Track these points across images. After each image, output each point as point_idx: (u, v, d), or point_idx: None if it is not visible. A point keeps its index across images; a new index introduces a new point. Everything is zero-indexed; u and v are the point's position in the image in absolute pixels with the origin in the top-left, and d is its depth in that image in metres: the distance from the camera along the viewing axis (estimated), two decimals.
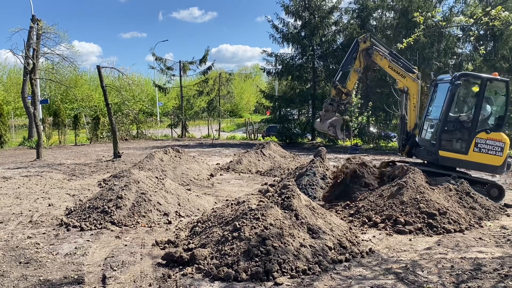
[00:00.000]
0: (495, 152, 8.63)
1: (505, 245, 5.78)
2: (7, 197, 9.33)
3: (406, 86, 9.56)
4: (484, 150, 8.62)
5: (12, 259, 5.50)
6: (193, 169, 12.17)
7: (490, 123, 8.94)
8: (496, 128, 8.77)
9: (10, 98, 38.40)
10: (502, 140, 8.66)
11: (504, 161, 8.72)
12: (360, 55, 9.41)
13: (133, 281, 4.78)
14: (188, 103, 31.80)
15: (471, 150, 8.63)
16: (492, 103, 9.07)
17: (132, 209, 7.38)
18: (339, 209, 7.87)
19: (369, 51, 9.37)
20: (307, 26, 23.62)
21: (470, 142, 8.65)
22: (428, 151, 9.24)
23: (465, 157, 8.69)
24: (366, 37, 9.48)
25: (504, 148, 8.65)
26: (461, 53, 21.59)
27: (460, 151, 8.78)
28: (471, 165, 8.82)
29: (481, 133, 8.63)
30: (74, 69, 21.63)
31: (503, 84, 8.93)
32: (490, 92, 9.15)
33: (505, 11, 6.62)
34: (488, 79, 8.86)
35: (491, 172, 9.15)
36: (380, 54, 9.44)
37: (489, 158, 8.64)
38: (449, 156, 8.80)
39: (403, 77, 9.50)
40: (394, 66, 9.53)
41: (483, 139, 8.62)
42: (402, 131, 9.97)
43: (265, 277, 4.67)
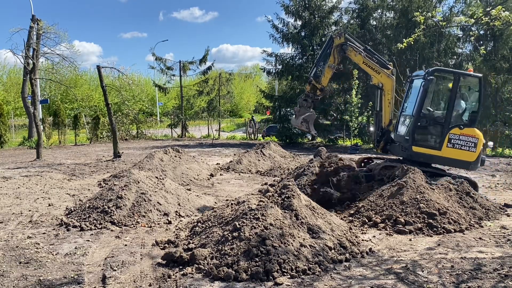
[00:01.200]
0: (469, 147, 8.66)
1: (505, 245, 5.78)
2: (7, 197, 9.33)
3: (380, 82, 9.50)
4: (457, 146, 8.65)
5: (12, 259, 5.50)
6: (193, 169, 12.17)
7: (464, 118, 8.95)
8: (470, 124, 8.78)
9: (10, 98, 38.39)
10: (475, 135, 8.69)
11: (478, 156, 8.75)
12: (335, 51, 9.31)
13: (133, 281, 4.78)
14: (188, 103, 31.79)
15: (445, 145, 8.65)
16: (467, 99, 9.09)
17: (132, 209, 7.38)
18: (339, 209, 7.88)
19: (343, 47, 9.28)
20: (307, 26, 23.62)
21: (443, 138, 8.66)
22: (402, 147, 9.22)
23: (439, 153, 8.71)
24: (341, 33, 9.44)
25: (478, 143, 8.68)
26: (461, 53, 21.60)
27: (433, 146, 8.80)
28: (445, 160, 8.83)
29: (454, 129, 8.65)
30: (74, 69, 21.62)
31: (476, 80, 8.95)
32: (465, 88, 9.18)
33: (505, 11, 6.62)
34: (461, 74, 8.89)
35: (465, 168, 9.18)
36: (355, 50, 9.34)
37: (462, 153, 8.66)
38: (422, 152, 8.80)
39: (377, 73, 9.43)
40: (369, 62, 9.44)
41: (457, 135, 8.64)
42: (377, 127, 9.97)
43: (265, 277, 4.67)
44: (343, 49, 9.27)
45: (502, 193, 9.42)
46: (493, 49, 20.04)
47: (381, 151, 9.98)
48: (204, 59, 30.17)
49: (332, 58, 9.32)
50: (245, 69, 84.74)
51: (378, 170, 8.90)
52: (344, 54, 9.38)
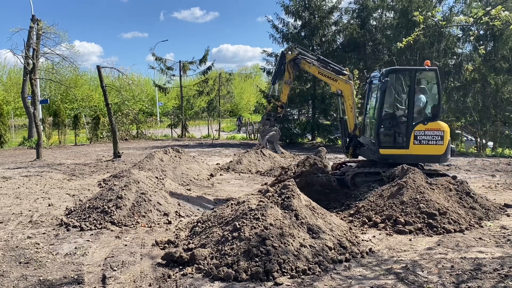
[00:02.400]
0: (436, 141, 8.64)
1: (505, 245, 5.78)
2: (7, 197, 9.33)
3: (339, 89, 9.39)
4: (424, 142, 8.63)
5: (12, 259, 5.50)
6: (193, 169, 12.17)
7: (427, 112, 8.95)
8: (433, 118, 8.77)
9: (10, 98, 38.38)
10: (440, 128, 8.67)
11: (446, 148, 8.74)
12: (288, 66, 9.28)
13: (133, 281, 4.78)
14: (188, 103, 31.79)
15: (411, 143, 8.62)
16: (427, 93, 9.07)
17: (132, 209, 7.38)
18: (339, 208, 7.88)
19: (296, 61, 9.24)
20: (307, 26, 23.62)
21: (409, 136, 8.64)
22: (371, 150, 9.19)
23: (407, 151, 8.68)
24: (291, 47, 9.34)
25: (444, 136, 8.67)
26: (461, 53, 21.59)
27: (400, 146, 8.78)
28: (414, 158, 8.79)
29: (418, 125, 8.63)
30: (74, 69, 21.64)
31: (432, 73, 8.95)
32: (423, 82, 9.18)
33: (505, 10, 6.61)
34: (416, 70, 8.89)
35: (435, 162, 9.19)
36: (308, 62, 9.27)
37: (430, 148, 8.65)
38: (391, 153, 8.77)
39: (334, 80, 9.35)
40: (324, 71, 9.38)
41: (422, 131, 8.62)
42: (343, 133, 9.87)
43: (265, 277, 4.67)
44: (297, 63, 9.25)
45: (502, 193, 9.42)
46: (493, 49, 20.02)
47: (352, 157, 9.88)
48: (204, 59, 30.18)
49: (287, 73, 9.32)
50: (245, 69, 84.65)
51: (350, 178, 8.85)
52: (298, 68, 9.38)
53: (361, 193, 8.23)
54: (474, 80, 20.38)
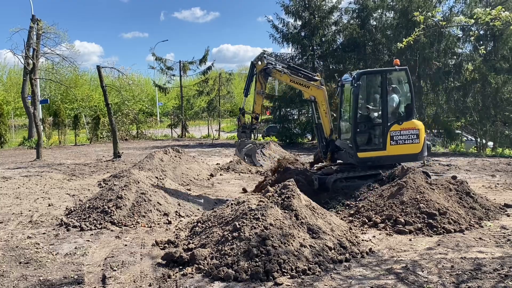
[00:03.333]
0: (412, 140, 8.69)
1: (505, 245, 5.77)
2: (7, 197, 9.34)
3: (312, 95, 9.29)
4: (401, 142, 8.65)
5: (12, 259, 5.50)
6: (193, 169, 12.17)
7: (401, 112, 8.96)
8: (407, 117, 8.79)
9: (10, 98, 38.37)
10: (415, 127, 8.72)
11: (423, 146, 8.79)
12: (259, 76, 9.08)
13: (133, 281, 4.78)
14: (188, 103, 31.79)
15: (388, 144, 8.63)
16: (399, 93, 9.07)
17: (132, 209, 7.38)
18: (339, 209, 7.89)
19: (267, 71, 9.03)
20: (307, 26, 23.62)
21: (385, 137, 8.64)
22: (349, 154, 9.13)
23: (384, 153, 8.68)
24: (260, 57, 9.11)
25: (420, 134, 8.71)
26: (461, 53, 21.58)
27: (378, 148, 8.76)
28: (392, 159, 8.81)
29: (393, 126, 8.65)
30: (74, 69, 21.64)
31: (403, 73, 8.97)
32: (395, 82, 9.17)
33: (505, 11, 6.60)
34: (387, 72, 8.90)
35: (413, 160, 9.17)
36: (279, 71, 9.12)
37: (407, 147, 8.68)
38: (368, 156, 8.74)
39: (307, 87, 9.26)
40: (296, 79, 9.28)
41: (397, 131, 8.64)
42: (320, 139, 9.75)
43: (265, 277, 4.67)
44: (267, 73, 9.05)
45: (502, 193, 9.41)
46: (493, 49, 20.02)
47: (330, 161, 9.76)
48: (204, 59, 30.21)
49: (259, 84, 9.15)
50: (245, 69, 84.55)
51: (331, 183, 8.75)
52: (269, 77, 9.25)
53: (361, 193, 8.23)
54: (474, 80, 20.37)
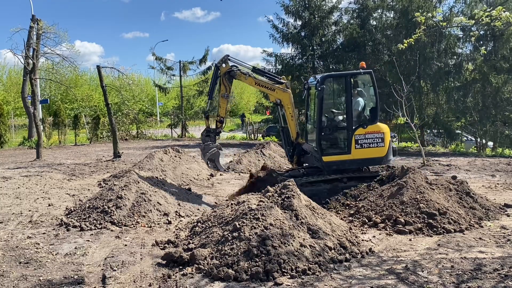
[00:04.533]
0: (377, 144, 8.64)
1: (505, 245, 5.77)
2: (7, 197, 9.33)
3: (278, 98, 9.20)
4: (365, 145, 8.60)
5: (12, 259, 5.50)
6: (193, 169, 12.17)
7: (366, 115, 8.93)
8: (372, 120, 8.75)
9: (10, 98, 38.39)
10: (380, 131, 8.67)
11: (388, 150, 8.76)
12: (223, 79, 8.97)
13: (133, 281, 4.78)
14: (188, 103, 31.78)
15: (353, 148, 8.59)
16: (364, 96, 9.05)
17: (132, 209, 7.37)
18: (339, 209, 7.89)
19: (231, 73, 8.94)
20: (307, 26, 23.62)
21: (350, 141, 8.59)
22: (315, 157, 9.04)
23: (349, 157, 8.63)
24: (224, 59, 9.00)
25: (385, 137, 8.68)
26: (461, 53, 21.58)
27: (342, 152, 8.72)
28: (357, 162, 8.77)
29: (358, 129, 8.60)
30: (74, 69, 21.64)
31: (368, 76, 8.91)
32: (360, 85, 9.14)
33: (506, 11, 6.61)
34: (351, 75, 8.86)
35: (378, 164, 9.11)
36: (243, 73, 9.01)
37: (372, 151, 8.64)
38: (333, 160, 8.67)
39: (272, 90, 9.15)
40: (261, 82, 9.20)
41: (362, 135, 8.59)
42: (286, 142, 9.64)
43: (265, 277, 4.67)
44: (232, 76, 8.95)
45: (502, 193, 9.41)
46: (493, 49, 20.02)
47: (297, 165, 9.64)
48: (204, 59, 30.19)
49: (223, 87, 9.01)
50: None
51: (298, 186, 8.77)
52: (233, 80, 9.08)
53: (361, 193, 8.22)
54: (475, 80, 20.37)
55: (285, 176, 9.06)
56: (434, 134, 23.09)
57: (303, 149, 9.47)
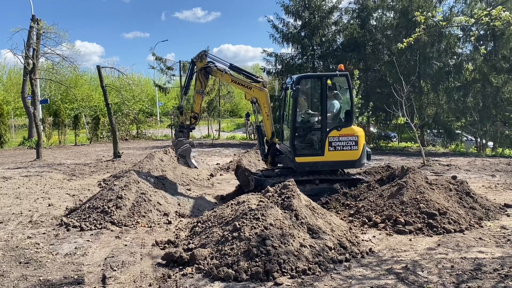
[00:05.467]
0: (350, 147, 8.63)
1: (505, 245, 5.77)
2: (7, 197, 9.33)
3: (254, 97, 9.05)
4: (339, 148, 8.60)
5: (12, 259, 5.50)
6: (193, 169, 12.16)
7: (341, 118, 8.93)
8: (347, 123, 8.74)
9: (10, 98, 38.39)
10: (354, 133, 8.66)
11: (362, 153, 8.74)
12: (199, 75, 8.84)
13: (133, 281, 4.78)
14: (188, 103, 31.75)
15: (326, 150, 8.57)
16: (340, 98, 9.03)
17: (132, 209, 7.37)
18: (339, 209, 7.89)
19: (208, 69, 8.80)
20: (307, 26, 23.61)
21: (323, 143, 8.58)
22: (289, 158, 8.97)
23: (322, 158, 8.61)
24: (201, 55, 8.81)
25: (359, 141, 8.65)
26: (462, 53, 21.58)
27: (316, 153, 8.68)
28: (330, 164, 8.75)
29: (332, 132, 8.58)
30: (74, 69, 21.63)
31: (344, 78, 8.88)
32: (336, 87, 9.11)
33: (506, 11, 6.61)
34: (327, 77, 8.81)
35: (351, 167, 9.12)
36: (220, 70, 8.88)
37: (345, 154, 8.63)
38: (306, 161, 8.63)
39: (249, 88, 9.00)
40: (237, 79, 9.04)
41: (336, 137, 8.58)
42: (261, 142, 9.51)
43: (265, 277, 4.67)
44: (208, 72, 8.82)
45: (502, 193, 9.41)
46: (493, 49, 20.02)
47: (271, 165, 9.51)
48: None
49: (199, 83, 8.89)
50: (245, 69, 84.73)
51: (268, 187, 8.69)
52: (209, 77, 9.02)
53: (361, 193, 8.23)
54: (475, 80, 20.37)
55: (258, 176, 9.00)
56: (434, 134, 23.08)
57: (277, 149, 9.38)
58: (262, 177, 8.91)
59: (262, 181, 8.70)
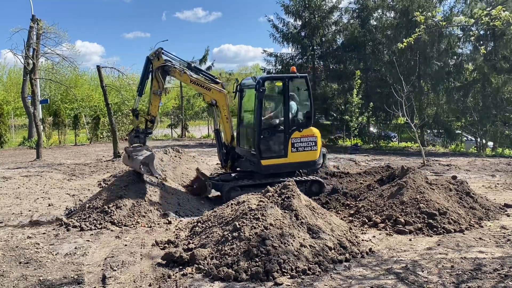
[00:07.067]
0: (311, 147, 8.78)
1: (505, 245, 5.77)
2: (7, 197, 9.34)
3: (213, 99, 8.82)
4: (301, 149, 8.71)
5: (12, 259, 5.50)
6: (193, 169, 12.14)
7: (301, 119, 8.96)
8: (307, 124, 8.84)
9: (10, 98, 38.34)
10: (314, 134, 8.82)
11: (320, 154, 8.90)
12: (157, 74, 8.18)
13: (133, 281, 4.78)
14: (188, 103, 31.76)
15: (289, 151, 8.62)
16: (297, 100, 9.04)
17: (132, 209, 7.37)
18: (339, 209, 7.89)
19: (166, 68, 8.23)
20: (307, 26, 23.60)
21: (287, 144, 8.60)
22: (250, 162, 8.84)
23: (286, 160, 8.64)
24: (158, 53, 8.20)
25: (317, 141, 8.82)
26: (462, 53, 21.57)
27: (280, 155, 8.67)
28: (293, 166, 8.79)
29: (294, 133, 8.64)
30: (74, 69, 21.63)
31: (303, 80, 9.00)
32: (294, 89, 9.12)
33: (506, 11, 6.61)
34: (289, 78, 8.81)
35: (311, 167, 9.15)
36: (178, 70, 8.39)
37: (307, 155, 8.77)
38: (271, 164, 8.60)
39: (208, 89, 8.75)
40: (196, 80, 8.66)
41: (298, 138, 8.67)
42: (220, 146, 9.29)
43: (265, 277, 4.67)
44: (166, 71, 8.25)
45: (502, 193, 9.41)
46: (493, 49, 20.00)
47: (231, 170, 9.35)
48: (204, 59, 30.18)
49: (156, 82, 8.23)
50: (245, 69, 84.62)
51: (225, 192, 8.50)
52: (167, 75, 8.44)
53: (361, 193, 8.23)
54: (475, 80, 20.36)
55: (215, 180, 8.90)
56: (434, 134, 23.06)
57: (237, 154, 9.22)
58: (219, 182, 8.80)
59: (220, 185, 8.61)
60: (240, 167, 9.35)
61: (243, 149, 9.17)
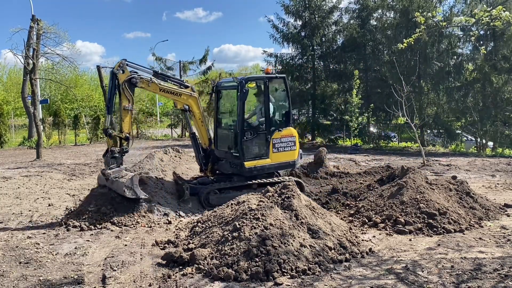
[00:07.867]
0: (290, 147, 8.83)
1: (505, 245, 5.78)
2: (7, 197, 9.34)
3: (186, 104, 8.61)
4: (281, 149, 8.73)
5: (12, 259, 5.50)
6: (193, 169, 12.14)
7: (278, 119, 8.98)
8: (286, 124, 8.88)
9: (10, 98, 38.38)
10: (292, 134, 8.89)
11: (298, 153, 8.93)
12: (124, 88, 7.63)
13: (133, 281, 4.78)
14: None
15: (271, 152, 8.61)
16: (273, 100, 9.03)
17: (132, 209, 7.36)
18: (339, 209, 7.90)
19: (133, 81, 7.68)
20: (307, 26, 23.61)
21: (268, 145, 8.58)
22: (231, 164, 8.72)
23: (268, 161, 8.62)
24: (122, 65, 7.67)
25: (296, 141, 8.89)
26: (462, 53, 21.56)
27: (262, 156, 8.62)
28: (275, 166, 8.80)
29: (275, 133, 8.64)
30: (74, 69, 21.63)
31: (281, 81, 9.09)
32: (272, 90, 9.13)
33: (506, 11, 6.60)
34: (269, 79, 8.78)
35: (290, 168, 9.21)
36: (146, 80, 7.90)
37: (286, 155, 8.80)
38: (254, 165, 8.52)
39: (178, 95, 8.49)
40: (166, 87, 8.31)
41: (278, 138, 8.68)
42: (197, 150, 9.14)
43: (265, 277, 4.67)
44: (133, 83, 7.71)
45: (502, 193, 9.41)
46: (493, 49, 20.00)
47: (211, 173, 9.17)
48: (204, 59, 30.19)
49: (124, 97, 7.69)
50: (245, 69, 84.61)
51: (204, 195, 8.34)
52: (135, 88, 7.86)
53: (361, 193, 8.23)
54: (475, 80, 20.35)
55: (192, 183, 8.78)
56: (434, 134, 23.06)
57: (217, 157, 9.10)
58: (197, 185, 8.69)
59: (198, 189, 8.50)
60: (220, 170, 9.18)
61: (223, 151, 9.01)
